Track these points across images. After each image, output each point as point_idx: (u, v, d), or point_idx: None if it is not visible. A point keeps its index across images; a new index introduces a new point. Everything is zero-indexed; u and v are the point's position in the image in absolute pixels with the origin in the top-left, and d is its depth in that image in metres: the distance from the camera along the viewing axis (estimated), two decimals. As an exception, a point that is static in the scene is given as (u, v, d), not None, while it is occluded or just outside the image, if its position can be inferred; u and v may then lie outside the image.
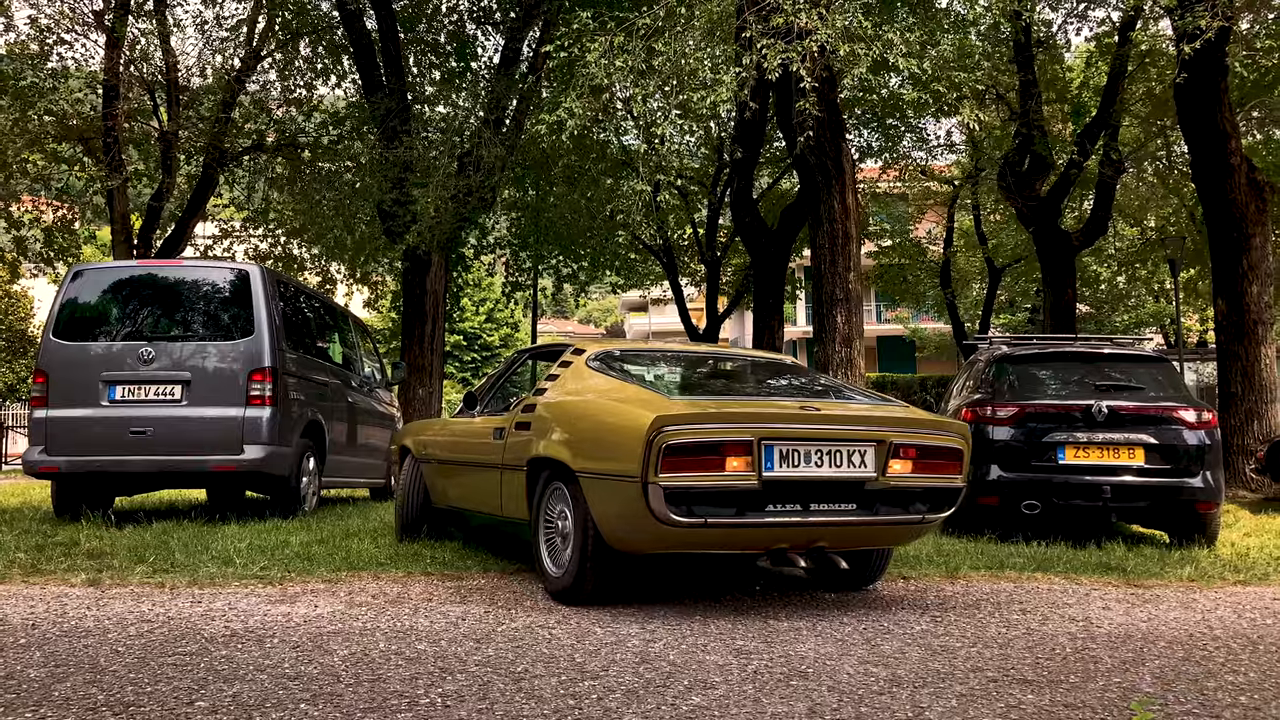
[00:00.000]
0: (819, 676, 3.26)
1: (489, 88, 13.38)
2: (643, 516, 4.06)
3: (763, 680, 3.21)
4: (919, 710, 2.91)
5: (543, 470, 4.75)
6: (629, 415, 4.22)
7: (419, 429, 6.81)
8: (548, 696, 3.01)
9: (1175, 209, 17.21)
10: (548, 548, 4.72)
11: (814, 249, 10.45)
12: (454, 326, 38.61)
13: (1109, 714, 2.87)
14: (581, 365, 5.08)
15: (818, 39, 7.87)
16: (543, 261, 16.96)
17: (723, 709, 2.90)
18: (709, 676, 3.25)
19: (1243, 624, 4.31)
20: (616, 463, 4.14)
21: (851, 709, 2.91)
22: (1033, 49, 13.25)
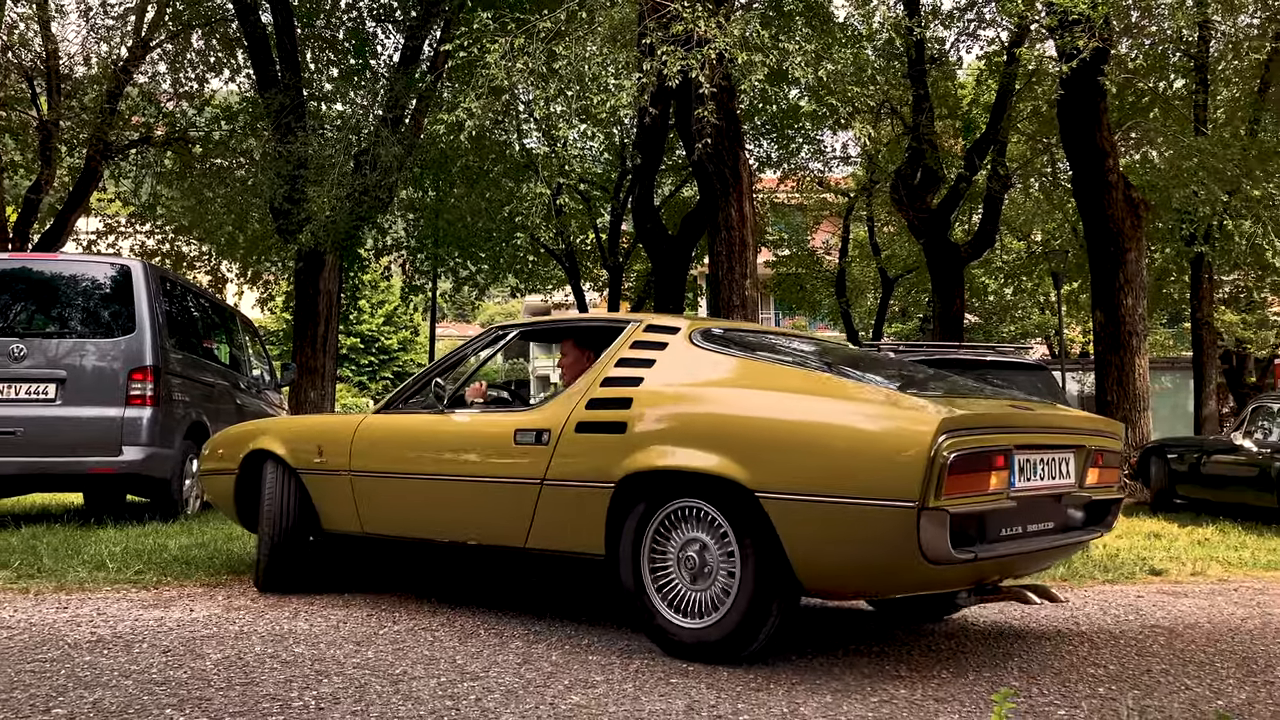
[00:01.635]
0: (699, 675, 3.29)
1: (388, 86, 13.20)
2: (897, 551, 3.08)
3: (643, 679, 3.23)
4: (794, 707, 2.95)
5: (654, 488, 3.54)
6: (888, 419, 3.20)
7: (291, 429, 4.84)
8: (425, 698, 2.97)
9: (1059, 224, 17.86)
10: (660, 589, 3.53)
11: (712, 256, 10.56)
12: (351, 329, 37.96)
13: (974, 706, 2.96)
14: (687, 345, 3.82)
15: (716, 47, 7.96)
16: (441, 263, 16.78)
17: (601, 707, 2.90)
18: (590, 676, 3.25)
19: (1107, 620, 4.48)
20: (853, 481, 3.12)
21: (729, 705, 2.94)
22: (926, 65, 13.61)
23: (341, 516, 4.56)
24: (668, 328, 3.95)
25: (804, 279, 22.84)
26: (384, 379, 40.64)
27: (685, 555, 3.49)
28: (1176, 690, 3.23)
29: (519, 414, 4.04)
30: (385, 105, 12.86)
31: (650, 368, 3.77)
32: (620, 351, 3.90)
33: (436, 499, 4.18)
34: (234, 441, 5.08)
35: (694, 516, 3.49)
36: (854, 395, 3.41)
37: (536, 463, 3.81)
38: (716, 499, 3.41)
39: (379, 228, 14.80)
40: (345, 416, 4.88)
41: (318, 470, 4.60)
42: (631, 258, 20.30)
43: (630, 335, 3.96)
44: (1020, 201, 18.30)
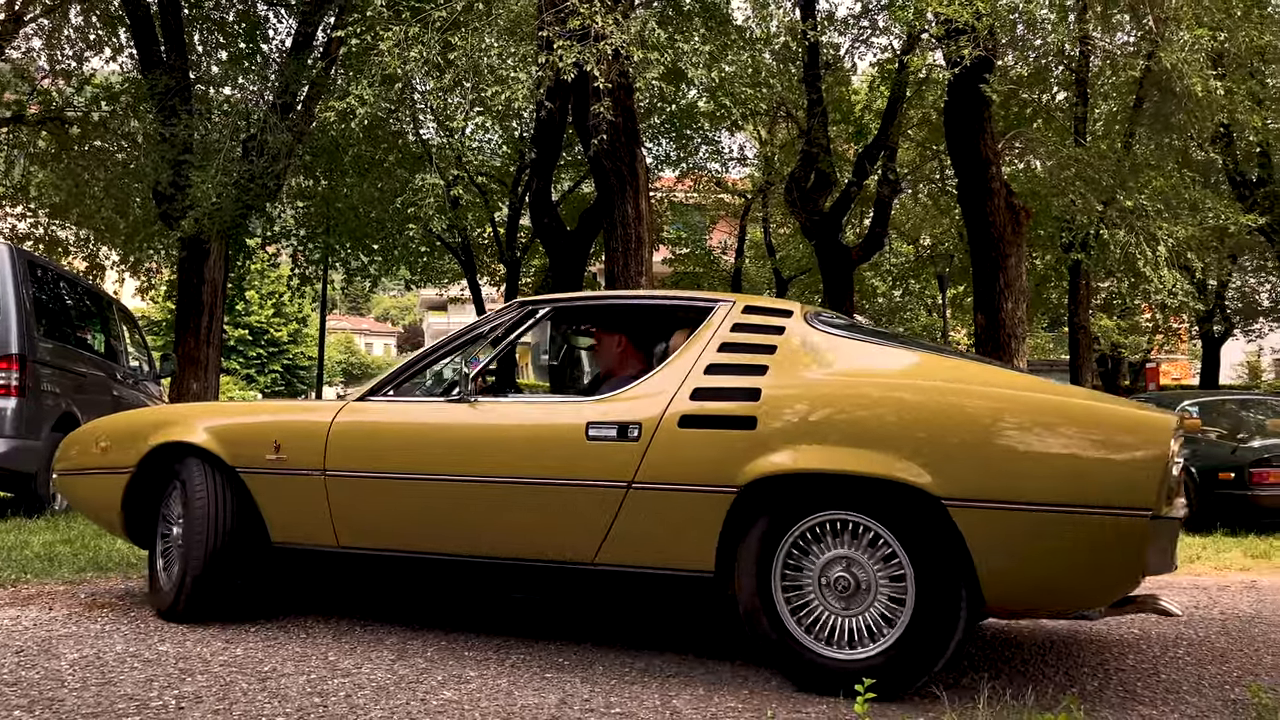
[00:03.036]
0: (574, 669, 3.29)
1: (279, 72, 12.86)
2: (1117, 564, 2.82)
3: (518, 674, 3.22)
4: (668, 699, 2.97)
5: (793, 495, 3.09)
6: (1117, 419, 2.88)
7: (228, 418, 4.02)
8: (293, 695, 2.91)
9: (946, 229, 18.37)
10: (795, 609, 3.08)
11: (608, 253, 10.57)
12: (239, 320, 36.96)
13: (840, 696, 3.02)
14: (811, 330, 3.37)
15: (612, 43, 7.97)
16: (333, 254, 16.44)
17: (473, 702, 2.88)
18: (465, 671, 3.22)
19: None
20: (1076, 487, 2.80)
21: (602, 699, 2.95)
22: (820, 70, 13.85)
23: (306, 527, 3.74)
24: (776, 309, 3.49)
25: (701, 278, 23.03)
26: (273, 372, 39.67)
27: (833, 575, 3.03)
28: (1034, 677, 3.35)
29: (587, 404, 3.44)
30: (275, 91, 12.53)
31: (772, 354, 3.28)
32: (719, 335, 3.39)
33: (464, 507, 3.47)
34: (128, 433, 4.15)
35: (841, 529, 3.05)
36: (1058, 391, 3.08)
37: (621, 462, 3.24)
38: (878, 509, 2.99)
39: (267, 216, 14.42)
40: (309, 403, 4.11)
41: (271, 470, 3.76)
42: (529, 252, 20.20)
43: (726, 316, 3.45)
44: (909, 206, 18.78)
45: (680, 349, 3.43)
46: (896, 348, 3.43)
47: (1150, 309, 20.10)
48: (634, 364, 3.99)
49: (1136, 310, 22.56)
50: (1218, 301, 22.28)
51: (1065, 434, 2.86)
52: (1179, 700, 3.09)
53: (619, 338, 4.08)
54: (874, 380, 3.18)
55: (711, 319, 3.46)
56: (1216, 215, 13.73)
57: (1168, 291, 13.77)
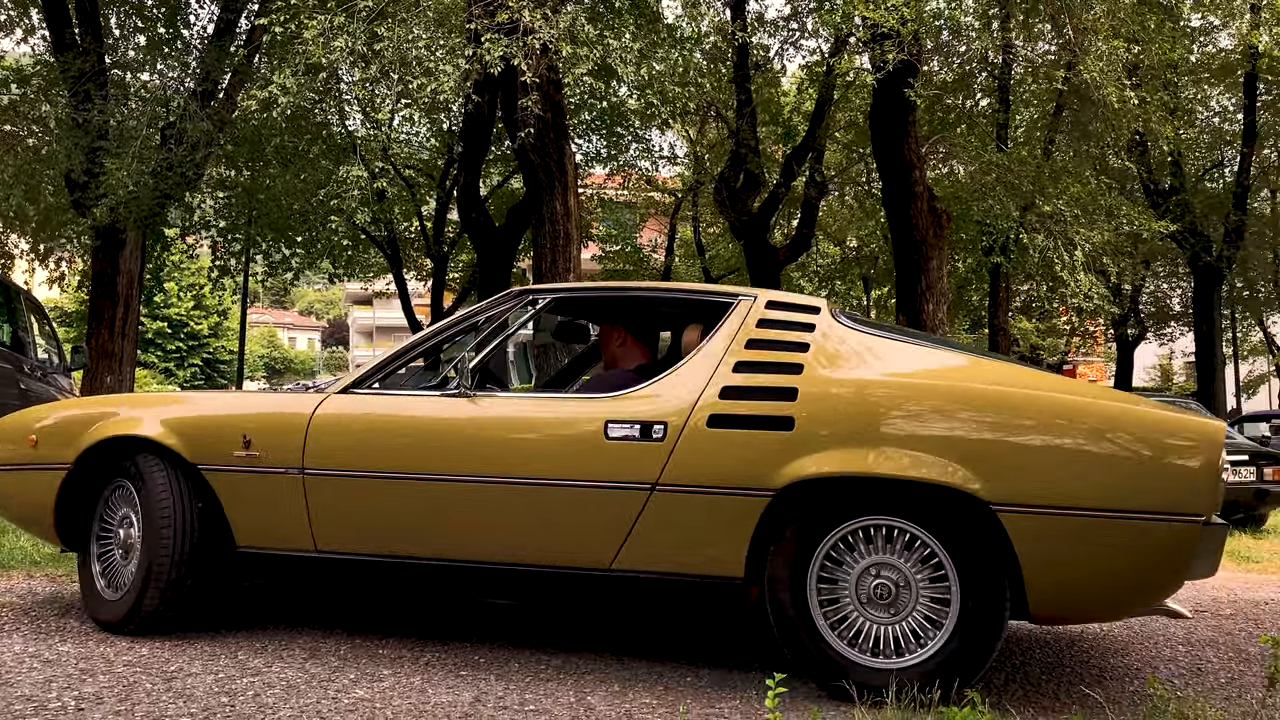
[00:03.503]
0: (489, 667, 3.27)
1: (200, 58, 12.55)
2: (1165, 570, 2.82)
3: (433, 672, 3.19)
4: (582, 696, 2.97)
5: (831, 498, 3.00)
6: (1168, 425, 2.85)
7: (188, 410, 3.76)
8: (199, 695, 2.84)
9: (871, 231, 18.64)
10: (831, 620, 2.99)
11: (536, 249, 10.54)
12: (157, 312, 36.07)
13: (752, 690, 3.04)
14: (843, 327, 3.29)
15: (540, 37, 7.94)
16: (254, 245, 16.10)
17: (385, 700, 2.85)
18: (379, 670, 3.18)
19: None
20: (1129, 493, 2.78)
21: (517, 696, 2.94)
22: (750, 71, 13.94)
23: (279, 530, 3.45)
24: (803, 305, 3.37)
25: (630, 276, 23.05)
26: (193, 365, 38.78)
27: (871, 582, 2.95)
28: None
29: (604, 401, 3.24)
30: (196, 78, 12.22)
31: (805, 352, 3.17)
32: (745, 331, 3.26)
33: (465, 509, 3.27)
34: (65, 426, 3.77)
35: (877, 534, 2.98)
36: (1106, 395, 3.05)
37: (644, 463, 3.09)
38: (922, 514, 2.93)
39: (186, 206, 14.08)
40: (283, 395, 3.80)
41: (240, 467, 3.47)
42: (457, 247, 20.02)
43: (750, 312, 3.32)
44: (836, 208, 19.01)
45: (702, 345, 3.28)
46: (935, 348, 3.37)
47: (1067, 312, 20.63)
48: (636, 359, 3.87)
49: (1054, 313, 23.13)
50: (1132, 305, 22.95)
51: (1117, 439, 2.83)
52: (1081, 694, 3.17)
53: (619, 330, 3.94)
54: (918, 381, 3.09)
55: (734, 314, 3.33)
56: (1131, 222, 14.13)
57: (1084, 295, 14.14)
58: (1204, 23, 15.38)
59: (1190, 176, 18.70)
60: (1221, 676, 3.47)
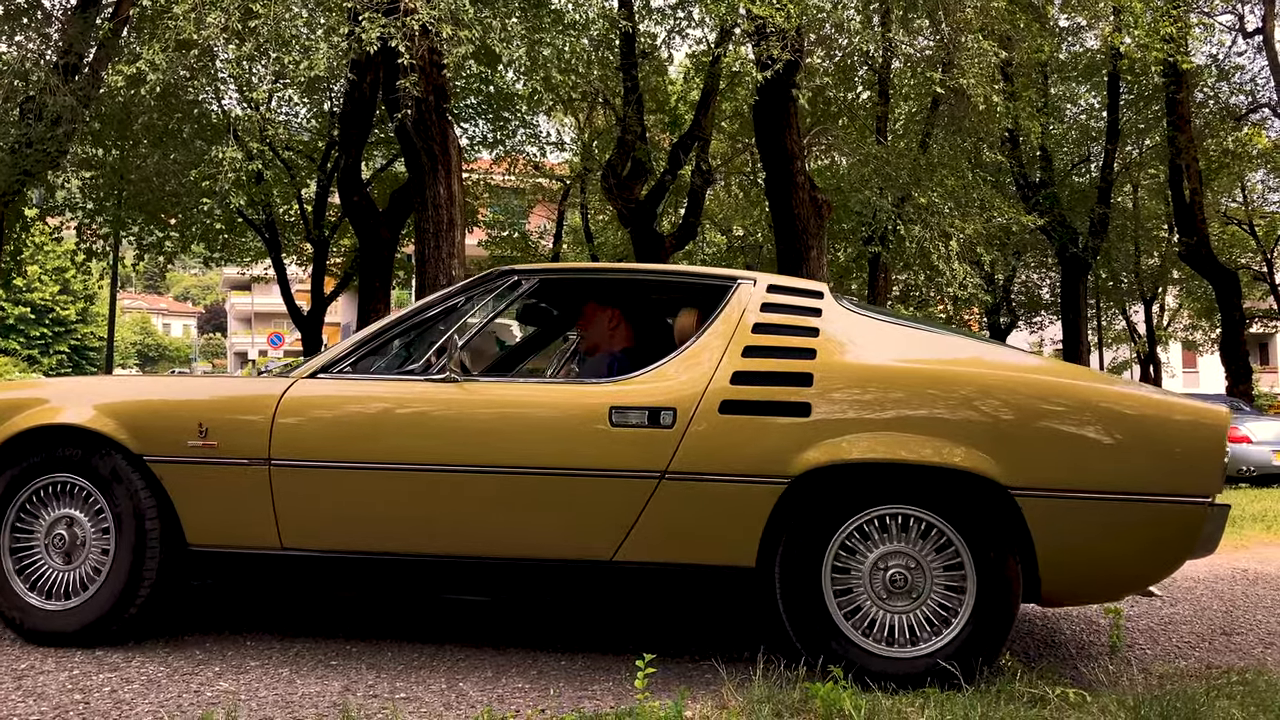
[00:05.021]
0: (360, 655, 3.23)
1: (62, 30, 11.98)
2: (1173, 551, 2.91)
3: (302, 662, 3.13)
4: (454, 682, 2.96)
5: (849, 485, 2.97)
6: (1176, 408, 2.94)
7: (130, 396, 3.37)
8: (52, 693, 2.74)
9: (756, 220, 18.91)
10: (845, 608, 2.96)
11: (418, 234, 10.39)
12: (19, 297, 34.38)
13: (623, 672, 3.07)
14: (848, 312, 3.25)
15: (420, 18, 7.82)
16: (123, 228, 15.45)
17: (251, 691, 2.79)
18: (245, 661, 3.11)
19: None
20: (1143, 476, 2.86)
21: (388, 685, 2.91)
22: (636, 59, 13.97)
23: (240, 527, 3.19)
24: (806, 289, 3.31)
25: (517, 262, 22.93)
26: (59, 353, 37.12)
27: (886, 570, 2.93)
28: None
29: (605, 386, 3.12)
30: (58, 50, 11.67)
31: (815, 337, 3.12)
32: (750, 315, 3.19)
33: (452, 501, 3.09)
34: None
35: (895, 522, 2.95)
36: (1114, 381, 3.13)
37: (653, 451, 2.99)
38: (940, 501, 2.92)
39: (48, 185, 13.43)
40: (243, 380, 3.48)
41: (194, 459, 3.19)
42: (339, 231, 19.58)
43: (752, 297, 3.24)
44: (722, 197, 19.22)
45: (704, 330, 3.20)
46: (941, 333, 3.36)
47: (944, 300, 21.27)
48: (623, 343, 3.77)
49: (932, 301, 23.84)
50: (1004, 295, 23.85)
51: (1128, 423, 2.90)
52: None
53: (613, 313, 3.81)
54: (934, 367, 3.07)
55: (734, 297, 3.25)
56: (1003, 214, 14.65)
57: (959, 284, 14.60)
58: (1071, 23, 16.00)
59: (1059, 171, 19.49)
60: (1072, 648, 3.63)
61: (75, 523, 3.27)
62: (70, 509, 3.29)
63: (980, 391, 2.96)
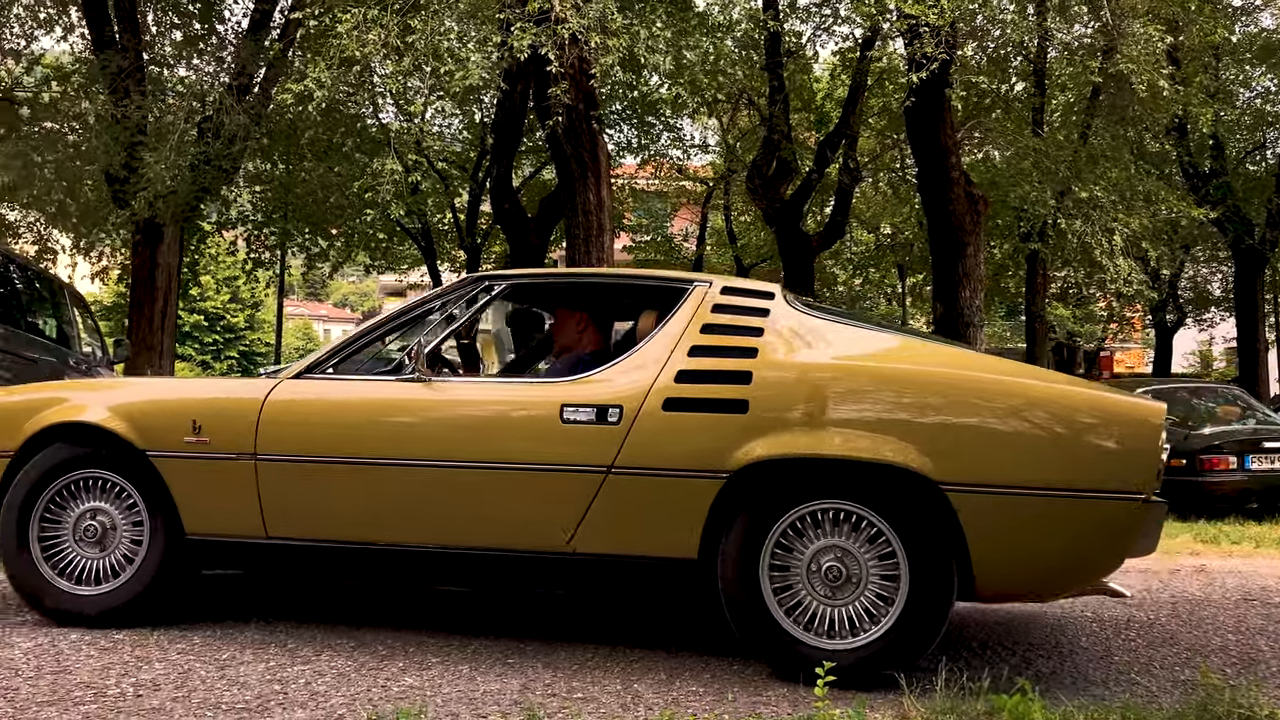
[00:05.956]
0: (536, 654, 3.29)
1: (235, 53, 12.66)
2: (1108, 547, 2.92)
3: (480, 660, 3.21)
4: (629, 684, 2.98)
5: (785, 480, 3.04)
6: (1112, 406, 2.95)
7: (135, 396, 3.67)
8: (253, 683, 2.88)
9: (905, 218, 18.49)
10: (782, 601, 3.03)
11: (569, 239, 10.55)
12: (194, 306, 36.42)
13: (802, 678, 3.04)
14: (796, 312, 3.31)
15: (570, 27, 7.94)
16: (290, 239, 16.22)
17: (435, 688, 2.88)
18: (426, 658, 3.21)
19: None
20: (1074, 472, 2.88)
21: (565, 684, 2.95)
22: (782, 58, 13.86)
23: (229, 517, 3.43)
24: (758, 290, 3.39)
25: (662, 265, 23.03)
26: (230, 358, 39.19)
27: (822, 564, 2.99)
28: (991, 661, 3.40)
29: (560, 385, 3.29)
30: (231, 72, 12.33)
31: (759, 336, 3.21)
32: (700, 315, 3.29)
33: (421, 494, 3.27)
34: (7, 412, 3.69)
35: (827, 514, 3.01)
36: (1050, 378, 3.14)
37: (599, 446, 3.12)
38: (873, 496, 2.97)
39: (223, 199, 14.21)
40: (234, 381, 3.78)
41: (190, 453, 3.43)
42: (490, 239, 20.08)
43: (705, 298, 3.34)
44: (870, 195, 18.87)
45: (657, 330, 3.31)
46: (884, 332, 3.42)
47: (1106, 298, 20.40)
48: (592, 345, 3.87)
49: (1092, 299, 22.88)
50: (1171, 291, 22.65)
51: (1061, 419, 2.91)
52: (1130, 681, 3.15)
53: (581, 316, 3.93)
54: (869, 364, 3.15)
55: (689, 299, 3.35)
56: (1170, 208, 13.94)
57: (1123, 280, 13.96)
58: (1245, 3, 15.12)
59: (1231, 159, 18.41)
60: (1273, 665, 3.43)
61: (110, 515, 3.54)
62: (106, 502, 3.54)
63: (914, 389, 3.01)
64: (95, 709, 2.61)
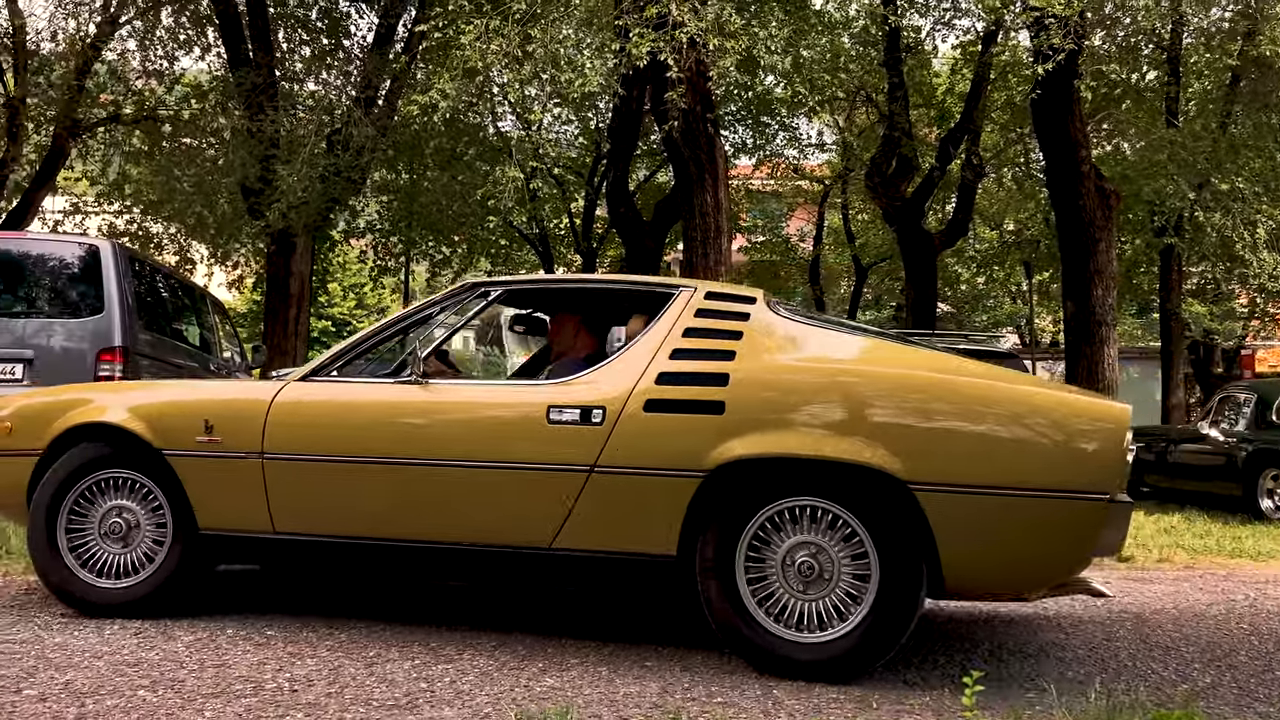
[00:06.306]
0: (673, 658, 3.30)
1: (361, 66, 13.07)
2: (1074, 546, 2.95)
3: (618, 662, 3.24)
4: (768, 690, 2.97)
5: (759, 479, 3.12)
6: (1077, 408, 3.02)
7: (151, 398, 3.84)
8: (400, 680, 2.96)
9: (1031, 214, 17.97)
10: (759, 597, 3.11)
11: (686, 242, 10.57)
12: (321, 312, 37.68)
13: (944, 688, 2.98)
14: (775, 317, 3.43)
15: (688, 31, 7.95)
16: (414, 246, 16.69)
17: (575, 689, 2.91)
18: (565, 659, 3.26)
19: (1075, 606, 4.53)
20: (1039, 473, 2.93)
21: (703, 689, 2.96)
22: (901, 54, 13.63)
23: (238, 512, 3.59)
24: (740, 295, 3.50)
25: (778, 266, 22.88)
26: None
27: (797, 560, 3.06)
28: (1143, 674, 3.28)
29: (547, 387, 3.43)
30: (358, 86, 12.74)
31: (738, 340, 3.31)
32: (683, 320, 3.39)
33: (415, 491, 3.42)
34: (36, 413, 3.86)
35: (803, 513, 3.09)
36: (1018, 380, 3.22)
37: (583, 447, 3.23)
38: (845, 494, 3.04)
39: (351, 209, 14.69)
40: (242, 383, 3.91)
41: (202, 452, 3.59)
42: (606, 243, 20.27)
43: (688, 303, 3.44)
44: (993, 191, 18.40)
45: (642, 334, 3.43)
46: (859, 336, 3.54)
47: (1247, 293, 19.42)
48: (587, 347, 3.98)
49: (1231, 295, 21.84)
50: (1318, 285, 21.44)
51: (1028, 421, 2.98)
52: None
53: (574, 320, 4.06)
54: (841, 367, 3.25)
55: (674, 304, 3.47)
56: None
57: (1268, 275, 13.32)
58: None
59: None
60: None
61: (135, 512, 3.70)
62: (124, 499, 3.71)
63: (883, 390, 3.09)
64: (255, 702, 2.72)
